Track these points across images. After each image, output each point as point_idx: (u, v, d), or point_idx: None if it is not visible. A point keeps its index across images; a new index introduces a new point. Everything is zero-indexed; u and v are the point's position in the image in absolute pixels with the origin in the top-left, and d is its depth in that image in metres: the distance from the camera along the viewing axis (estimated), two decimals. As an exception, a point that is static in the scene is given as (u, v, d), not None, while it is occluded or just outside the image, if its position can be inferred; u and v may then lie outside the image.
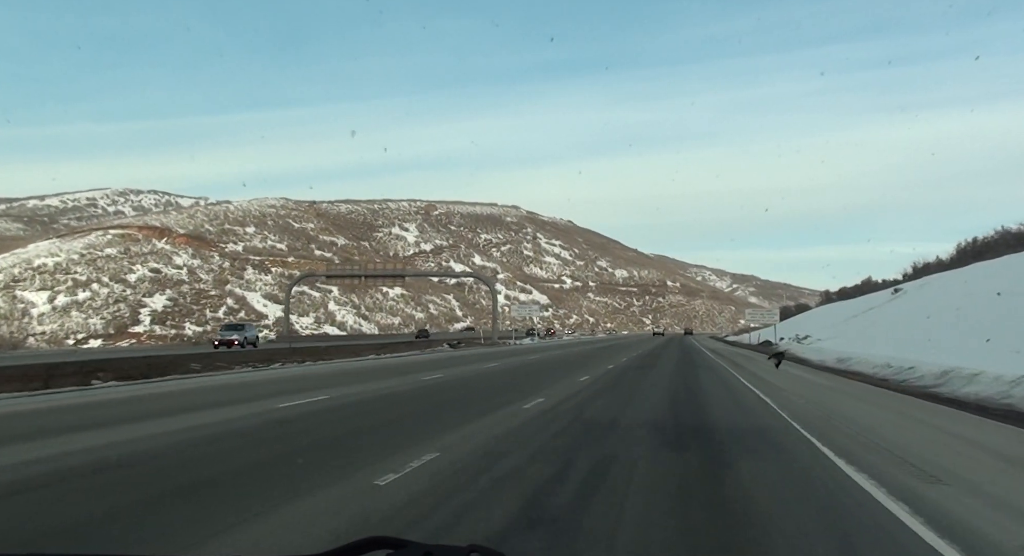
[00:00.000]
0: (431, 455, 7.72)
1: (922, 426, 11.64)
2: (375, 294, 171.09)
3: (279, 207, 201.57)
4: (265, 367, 27.04)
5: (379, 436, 9.53)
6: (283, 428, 10.35)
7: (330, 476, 6.67)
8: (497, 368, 26.46)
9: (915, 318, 35.30)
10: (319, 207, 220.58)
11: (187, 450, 8.38)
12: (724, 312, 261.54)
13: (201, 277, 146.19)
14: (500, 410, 12.50)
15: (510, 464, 7.41)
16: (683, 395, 16.43)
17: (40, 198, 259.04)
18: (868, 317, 48.30)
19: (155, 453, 8.13)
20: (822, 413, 13.05)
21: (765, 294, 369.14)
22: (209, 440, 9.16)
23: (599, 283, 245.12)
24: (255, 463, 7.60)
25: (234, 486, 6.43)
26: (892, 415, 13.23)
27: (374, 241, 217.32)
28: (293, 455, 7.97)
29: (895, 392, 17.90)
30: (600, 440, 9.16)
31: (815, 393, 17.69)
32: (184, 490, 6.26)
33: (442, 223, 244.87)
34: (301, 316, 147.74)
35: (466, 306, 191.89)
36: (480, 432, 9.71)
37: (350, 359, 33.49)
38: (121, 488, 6.43)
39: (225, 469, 7.24)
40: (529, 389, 16.72)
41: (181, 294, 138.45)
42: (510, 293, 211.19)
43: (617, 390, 17.36)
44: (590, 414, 12.09)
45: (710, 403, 14.75)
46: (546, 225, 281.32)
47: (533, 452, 8.16)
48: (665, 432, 10.05)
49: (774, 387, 18.68)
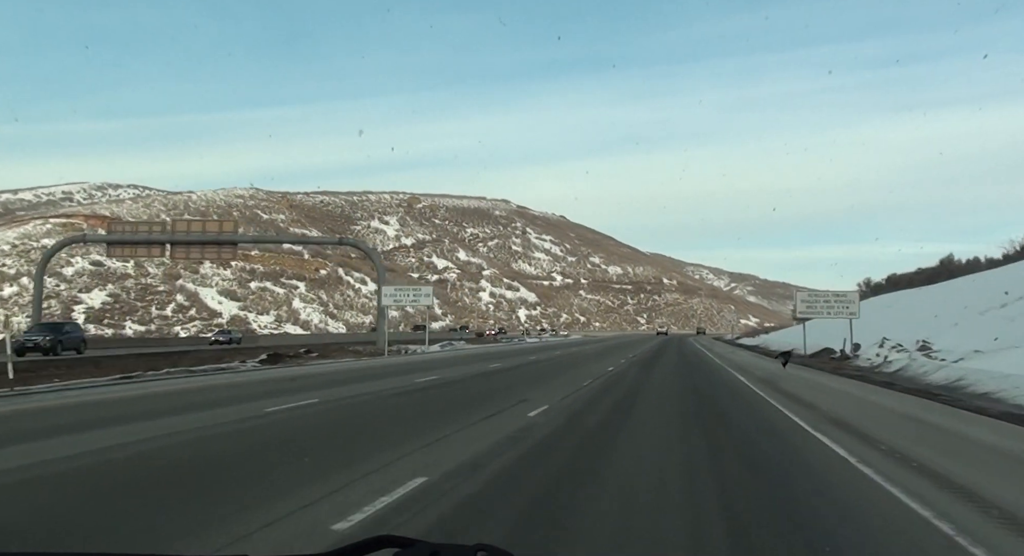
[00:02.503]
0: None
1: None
2: (346, 291, 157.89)
3: (247, 197, 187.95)
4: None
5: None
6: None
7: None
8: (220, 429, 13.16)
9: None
10: (292, 198, 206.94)
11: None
12: (723, 311, 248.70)
13: (150, 271, 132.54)
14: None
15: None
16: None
17: (13, 192, 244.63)
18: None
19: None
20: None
21: (764, 293, 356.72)
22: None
23: (591, 280, 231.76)
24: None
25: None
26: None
27: (351, 234, 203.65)
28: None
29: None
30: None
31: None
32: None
33: (425, 216, 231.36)
34: (260, 314, 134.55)
35: (447, 304, 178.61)
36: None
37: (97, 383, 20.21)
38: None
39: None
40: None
41: (124, 290, 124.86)
42: (496, 290, 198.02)
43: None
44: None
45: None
46: (537, 220, 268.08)
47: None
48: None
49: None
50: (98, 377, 19.66)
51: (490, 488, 6.73)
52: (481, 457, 8.23)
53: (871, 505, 6.26)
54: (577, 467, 7.88)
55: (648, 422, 11.92)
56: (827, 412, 13.61)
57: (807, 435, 10.51)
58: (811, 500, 6.47)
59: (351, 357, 37.48)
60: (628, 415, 12.81)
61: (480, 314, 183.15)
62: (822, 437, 10.19)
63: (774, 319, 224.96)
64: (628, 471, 7.70)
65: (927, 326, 33.77)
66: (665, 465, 8.11)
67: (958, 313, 35.43)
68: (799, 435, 10.58)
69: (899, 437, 10.43)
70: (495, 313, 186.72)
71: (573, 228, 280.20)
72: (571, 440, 9.86)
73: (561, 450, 9.05)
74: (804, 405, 14.81)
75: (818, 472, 7.80)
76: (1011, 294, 32.74)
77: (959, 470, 7.90)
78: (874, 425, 11.79)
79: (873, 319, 41.42)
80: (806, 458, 8.68)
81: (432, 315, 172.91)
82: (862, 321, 38.25)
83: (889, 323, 38.90)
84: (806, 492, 6.82)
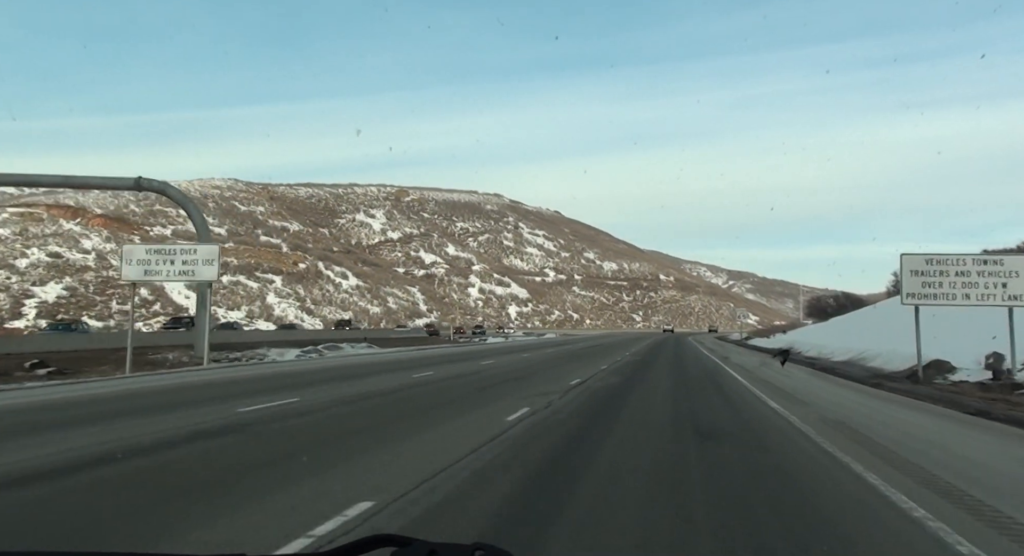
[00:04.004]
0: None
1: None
2: (325, 286, 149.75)
3: (225, 188, 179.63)
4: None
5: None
6: None
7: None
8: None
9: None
10: (274, 190, 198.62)
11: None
12: (722, 309, 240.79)
13: (113, 263, 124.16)
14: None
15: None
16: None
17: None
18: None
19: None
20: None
21: (763, 291, 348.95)
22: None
23: (585, 276, 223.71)
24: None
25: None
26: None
27: (335, 227, 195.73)
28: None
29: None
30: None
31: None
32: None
33: (414, 210, 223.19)
34: (231, 309, 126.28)
35: (433, 300, 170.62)
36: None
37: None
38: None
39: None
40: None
41: (83, 283, 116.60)
42: (485, 286, 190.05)
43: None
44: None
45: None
46: (530, 214, 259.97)
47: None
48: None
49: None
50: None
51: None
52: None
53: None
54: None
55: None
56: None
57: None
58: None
59: (145, 370, 24.75)
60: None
61: (468, 311, 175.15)
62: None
63: (775, 317, 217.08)
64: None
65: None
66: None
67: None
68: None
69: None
70: (484, 309, 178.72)
71: (568, 223, 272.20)
72: None
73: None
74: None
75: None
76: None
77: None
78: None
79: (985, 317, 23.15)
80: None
81: (417, 311, 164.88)
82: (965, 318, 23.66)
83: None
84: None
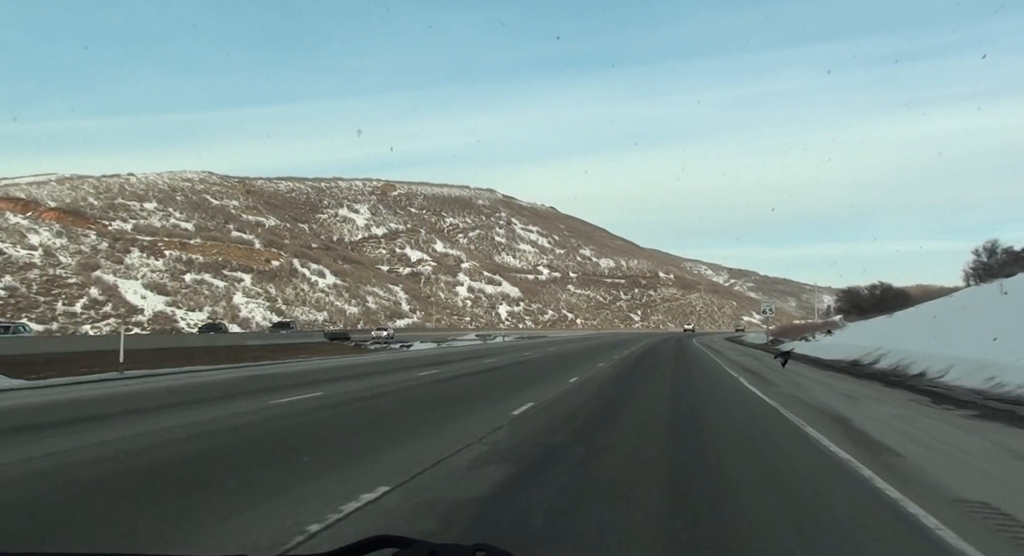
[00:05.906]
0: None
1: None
2: (300, 284, 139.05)
3: (197, 181, 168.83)
4: None
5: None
6: None
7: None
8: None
9: None
10: (251, 183, 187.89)
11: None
12: (725, 308, 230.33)
13: (61, 260, 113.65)
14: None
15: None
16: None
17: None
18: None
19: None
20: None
21: (765, 290, 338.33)
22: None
23: (581, 274, 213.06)
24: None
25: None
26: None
27: (315, 223, 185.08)
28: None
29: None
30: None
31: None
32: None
33: (400, 205, 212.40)
34: (191, 310, 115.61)
35: (417, 299, 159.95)
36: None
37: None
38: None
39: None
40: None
41: (26, 282, 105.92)
42: (475, 284, 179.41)
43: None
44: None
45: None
46: (523, 210, 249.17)
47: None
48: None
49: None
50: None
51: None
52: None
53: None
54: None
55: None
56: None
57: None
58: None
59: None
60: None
61: (455, 310, 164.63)
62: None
63: (778, 316, 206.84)
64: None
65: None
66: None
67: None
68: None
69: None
70: (472, 309, 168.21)
71: (563, 219, 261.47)
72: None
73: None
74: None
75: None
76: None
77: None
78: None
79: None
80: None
81: (399, 312, 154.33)
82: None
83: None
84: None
